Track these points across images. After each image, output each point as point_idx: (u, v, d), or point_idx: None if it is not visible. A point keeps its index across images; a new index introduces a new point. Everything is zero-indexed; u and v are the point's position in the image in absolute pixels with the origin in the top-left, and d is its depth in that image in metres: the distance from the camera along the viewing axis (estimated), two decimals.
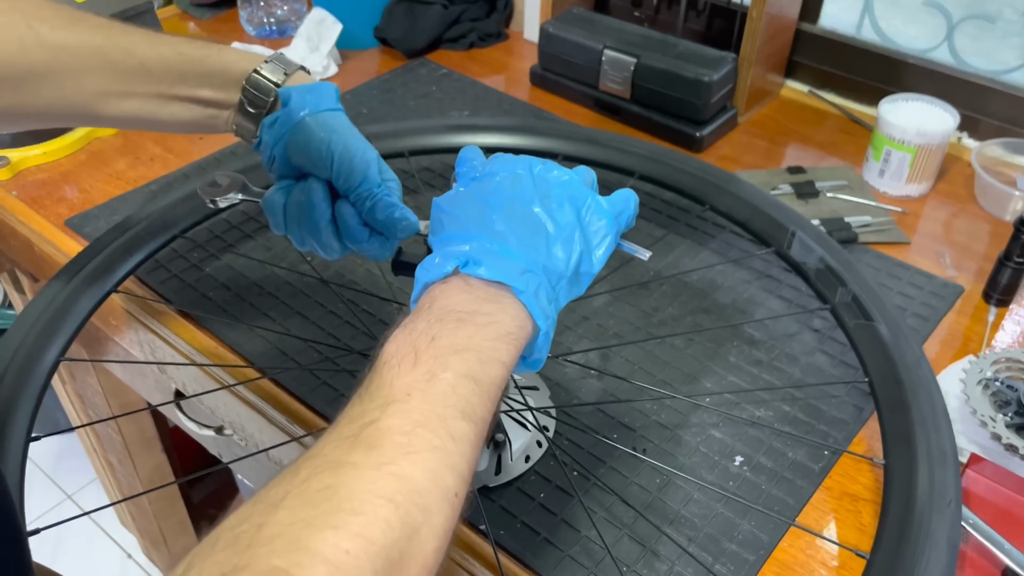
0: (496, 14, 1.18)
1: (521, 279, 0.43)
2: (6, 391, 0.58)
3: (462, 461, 0.36)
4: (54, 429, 0.76)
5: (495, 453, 0.61)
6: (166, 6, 1.27)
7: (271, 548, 0.29)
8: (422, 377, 0.38)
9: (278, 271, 0.78)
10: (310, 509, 0.31)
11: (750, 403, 0.66)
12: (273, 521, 0.31)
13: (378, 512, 0.32)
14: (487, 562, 0.56)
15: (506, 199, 0.47)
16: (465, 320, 0.41)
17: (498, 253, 0.44)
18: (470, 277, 0.43)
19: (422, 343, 0.39)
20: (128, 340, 0.80)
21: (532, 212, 0.46)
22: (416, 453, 0.35)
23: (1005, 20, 0.91)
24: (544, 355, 0.45)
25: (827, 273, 0.68)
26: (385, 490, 0.33)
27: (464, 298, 0.42)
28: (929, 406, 0.58)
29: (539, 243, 0.45)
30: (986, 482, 0.58)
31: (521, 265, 0.44)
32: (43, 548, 0.48)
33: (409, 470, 0.34)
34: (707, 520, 0.58)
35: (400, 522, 0.32)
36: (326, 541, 0.30)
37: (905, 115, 0.87)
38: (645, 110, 0.98)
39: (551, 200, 0.47)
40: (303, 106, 0.54)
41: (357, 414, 0.36)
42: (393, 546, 0.32)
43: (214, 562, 0.29)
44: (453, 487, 0.35)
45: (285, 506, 0.31)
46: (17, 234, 0.85)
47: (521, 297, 0.43)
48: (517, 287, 0.42)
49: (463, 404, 0.38)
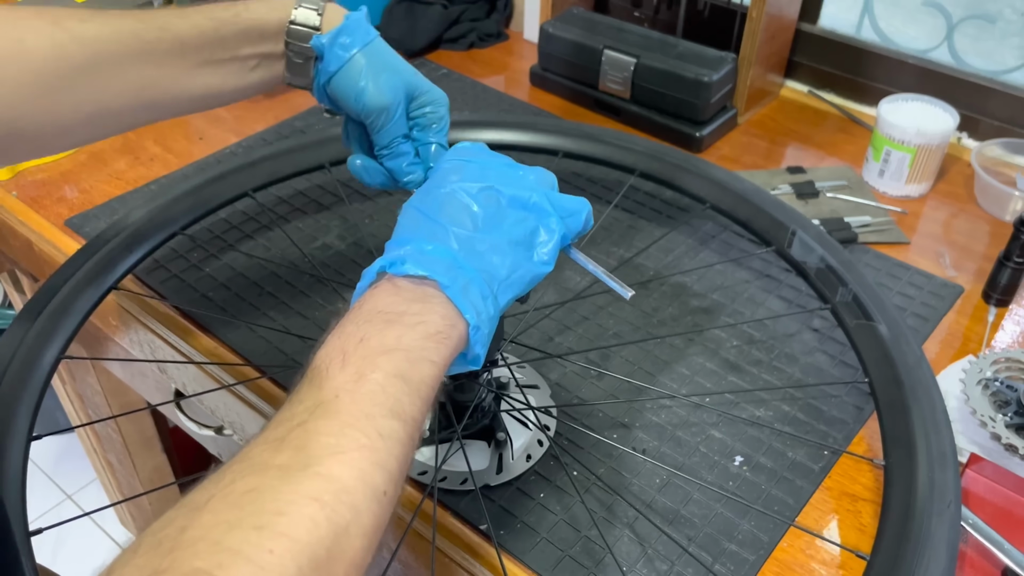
0: (496, 14, 1.18)
1: (447, 274, 0.43)
2: (7, 390, 0.58)
3: (391, 459, 0.36)
4: (54, 429, 0.76)
5: (497, 452, 0.61)
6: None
7: (194, 551, 0.29)
8: (351, 378, 0.38)
9: (278, 271, 0.78)
10: (234, 511, 0.31)
11: (750, 403, 0.66)
12: (196, 524, 0.30)
13: (303, 511, 0.32)
14: (487, 562, 0.56)
15: (444, 199, 0.47)
16: (393, 321, 0.40)
17: (430, 253, 0.44)
18: (397, 278, 0.43)
19: (350, 345, 0.39)
20: (128, 340, 0.80)
21: (470, 210, 0.46)
22: (343, 453, 0.34)
23: (1005, 20, 0.91)
24: (481, 352, 0.44)
25: (827, 273, 0.68)
26: (311, 490, 0.33)
27: (392, 300, 0.42)
28: (929, 406, 0.58)
29: (476, 240, 0.45)
30: (986, 482, 0.58)
31: (449, 262, 0.43)
32: (43, 548, 0.49)
33: (336, 470, 0.34)
34: (707, 520, 0.58)
35: (326, 520, 0.32)
36: (249, 541, 0.30)
37: (905, 115, 0.87)
38: (645, 110, 0.98)
39: (493, 198, 0.47)
40: (332, 61, 0.56)
41: (286, 418, 0.36)
42: (319, 544, 0.31)
43: (135, 566, 0.29)
44: (382, 485, 0.35)
45: (209, 509, 0.31)
46: (17, 234, 0.85)
47: (447, 292, 0.42)
48: (443, 282, 0.42)
49: (392, 403, 0.37)
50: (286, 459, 0.34)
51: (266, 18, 0.56)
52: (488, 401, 0.61)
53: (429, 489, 0.58)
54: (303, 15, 0.56)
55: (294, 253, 0.79)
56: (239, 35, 0.56)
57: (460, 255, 0.44)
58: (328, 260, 0.79)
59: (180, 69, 0.55)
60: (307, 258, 0.78)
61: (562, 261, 0.51)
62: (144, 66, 0.53)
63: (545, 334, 0.71)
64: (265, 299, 0.75)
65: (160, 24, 0.53)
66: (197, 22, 0.54)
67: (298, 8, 0.57)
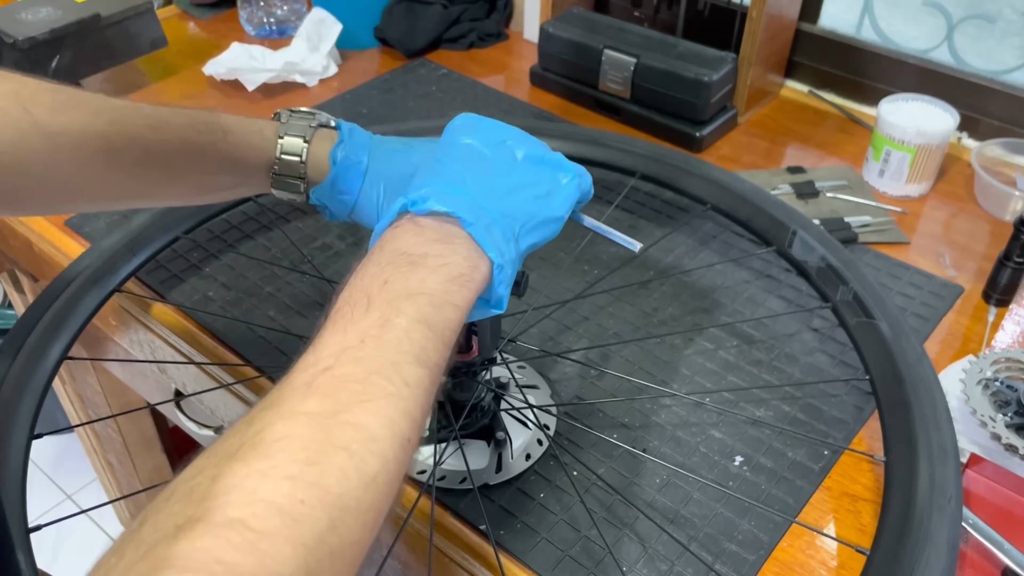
0: (496, 14, 1.18)
1: (471, 212, 0.43)
2: (9, 389, 0.58)
3: (416, 407, 0.36)
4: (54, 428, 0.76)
5: (496, 451, 0.61)
6: (166, 6, 1.28)
7: (227, 499, 0.29)
8: (375, 323, 0.37)
9: (278, 271, 0.78)
10: (265, 461, 0.31)
11: (750, 402, 0.66)
12: (228, 472, 0.30)
13: (333, 461, 0.32)
14: (487, 562, 0.56)
15: (462, 150, 0.47)
16: (417, 263, 0.40)
17: (452, 192, 0.44)
18: (420, 218, 0.42)
19: (374, 287, 0.39)
20: (128, 340, 0.80)
21: (487, 159, 0.47)
22: (371, 401, 0.35)
23: (1005, 20, 0.91)
24: (504, 293, 0.44)
25: (828, 271, 0.68)
26: (340, 439, 0.33)
27: (415, 240, 0.42)
28: (930, 404, 0.58)
29: (495, 184, 0.46)
30: (986, 482, 0.58)
31: (471, 200, 0.44)
32: (43, 548, 0.49)
33: (364, 418, 0.34)
34: (707, 520, 0.58)
35: (355, 470, 0.32)
36: (281, 491, 0.30)
37: (905, 115, 0.87)
38: (645, 110, 0.98)
39: (509, 151, 0.48)
40: (338, 208, 0.55)
41: (311, 362, 0.36)
42: (349, 494, 0.32)
43: (168, 513, 0.29)
44: (407, 432, 0.35)
45: (240, 457, 0.31)
46: (17, 234, 0.85)
47: (470, 230, 0.42)
48: (466, 219, 0.42)
49: (417, 350, 0.37)
50: (314, 406, 0.34)
51: (246, 156, 0.54)
52: (487, 400, 0.61)
53: (427, 488, 0.58)
54: (289, 145, 0.54)
55: (294, 253, 0.79)
56: (213, 164, 0.53)
57: (481, 198, 0.45)
58: (328, 260, 0.79)
59: (145, 181, 0.52)
60: (307, 258, 0.78)
61: (560, 261, 0.51)
62: (107, 171, 0.50)
63: (545, 334, 0.71)
64: (265, 299, 0.75)
65: (131, 134, 0.50)
66: (169, 140, 0.51)
67: (284, 138, 0.54)
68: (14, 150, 0.47)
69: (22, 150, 0.47)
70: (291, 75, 1.06)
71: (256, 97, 1.05)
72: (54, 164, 0.48)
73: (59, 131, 0.48)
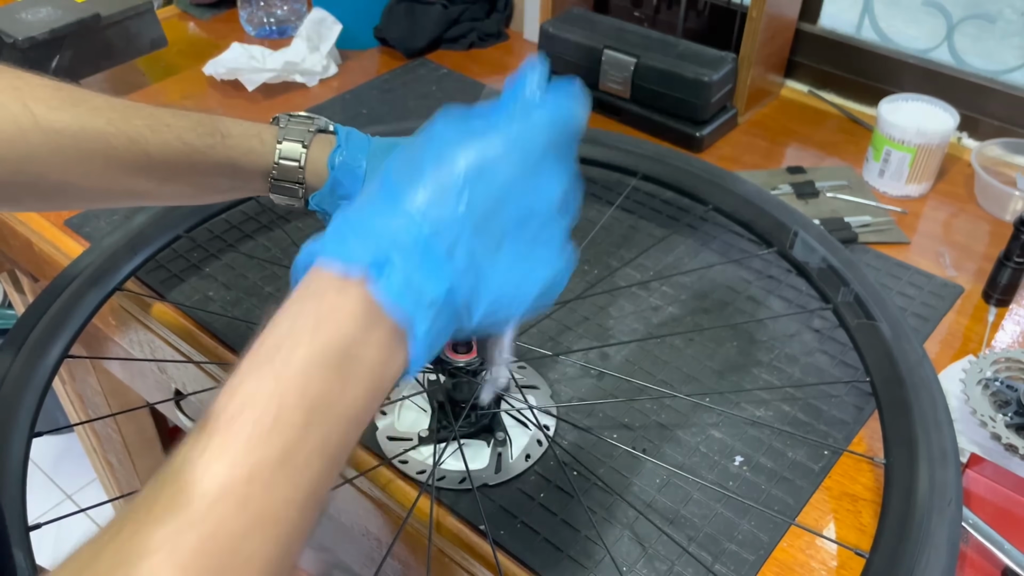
0: (496, 14, 1.18)
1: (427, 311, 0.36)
2: (10, 387, 0.58)
3: (295, 550, 0.32)
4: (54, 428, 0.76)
5: (496, 451, 0.61)
6: (166, 6, 1.28)
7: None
8: (276, 455, 0.31)
9: (278, 271, 0.78)
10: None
11: (750, 403, 0.66)
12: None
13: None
14: (487, 562, 0.56)
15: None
16: (342, 366, 0.34)
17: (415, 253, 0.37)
18: (375, 296, 0.35)
19: (288, 397, 0.32)
20: (128, 340, 0.80)
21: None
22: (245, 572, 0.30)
23: (1005, 20, 0.91)
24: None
25: (829, 272, 0.68)
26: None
27: (357, 333, 0.35)
28: (931, 406, 0.58)
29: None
30: (986, 482, 0.58)
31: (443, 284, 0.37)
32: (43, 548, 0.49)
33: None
34: (707, 520, 0.58)
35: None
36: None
37: (905, 115, 0.87)
38: (645, 110, 0.98)
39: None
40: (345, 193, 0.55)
41: (188, 482, 0.30)
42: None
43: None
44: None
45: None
46: (17, 234, 0.85)
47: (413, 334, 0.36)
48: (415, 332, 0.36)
49: (314, 487, 0.32)
50: (161, 541, 0.28)
51: (245, 160, 0.54)
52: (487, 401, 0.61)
53: (426, 488, 0.58)
54: (288, 150, 0.54)
55: (294, 253, 0.79)
56: (212, 167, 0.53)
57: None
58: None
59: (143, 180, 0.52)
60: None
61: None
62: (105, 169, 0.50)
63: (545, 334, 0.71)
64: (265, 299, 0.75)
65: (130, 134, 0.50)
66: (168, 141, 0.51)
67: (282, 143, 0.54)
68: (13, 146, 0.47)
69: (21, 146, 0.47)
70: (291, 75, 1.06)
71: (256, 97, 1.05)
72: (52, 160, 0.48)
73: (58, 128, 0.48)
